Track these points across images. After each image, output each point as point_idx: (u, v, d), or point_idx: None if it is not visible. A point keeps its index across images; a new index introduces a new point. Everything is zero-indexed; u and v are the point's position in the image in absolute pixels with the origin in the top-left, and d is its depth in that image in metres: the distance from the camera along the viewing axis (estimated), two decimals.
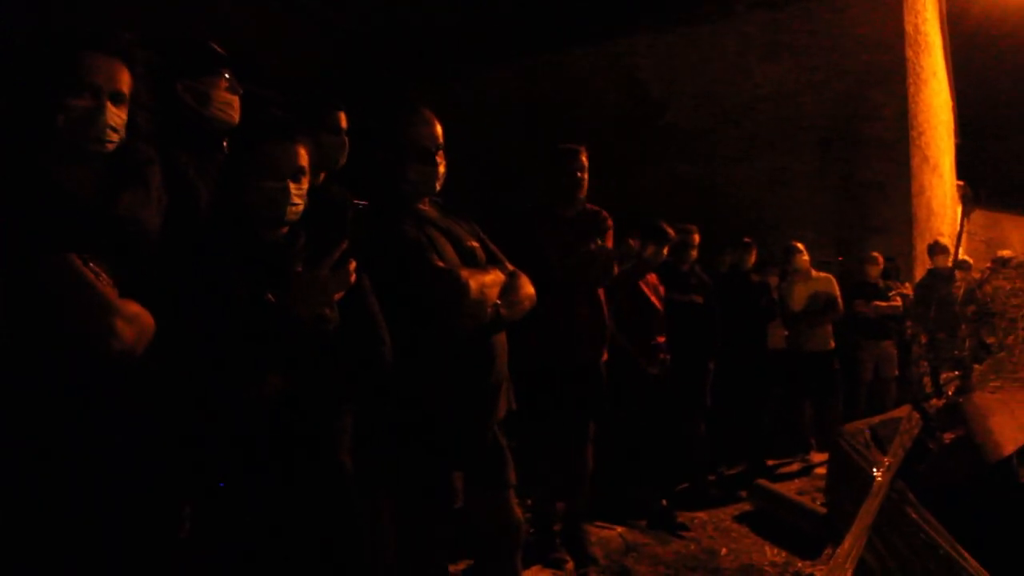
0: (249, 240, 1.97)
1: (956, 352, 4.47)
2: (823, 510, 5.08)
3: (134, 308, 1.63)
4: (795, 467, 6.94)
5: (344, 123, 2.81)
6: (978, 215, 22.63)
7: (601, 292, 4.16)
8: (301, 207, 2.01)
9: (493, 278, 2.49)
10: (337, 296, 1.92)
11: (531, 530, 4.00)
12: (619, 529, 4.67)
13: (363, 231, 2.26)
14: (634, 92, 10.65)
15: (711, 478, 6.28)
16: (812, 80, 9.74)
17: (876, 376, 8.16)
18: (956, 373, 4.47)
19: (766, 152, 9.96)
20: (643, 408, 5.31)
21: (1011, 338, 3.83)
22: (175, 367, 1.75)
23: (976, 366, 3.93)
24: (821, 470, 6.74)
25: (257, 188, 1.96)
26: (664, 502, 5.27)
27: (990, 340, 4.35)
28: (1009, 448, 3.33)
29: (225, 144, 2.52)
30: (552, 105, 10.81)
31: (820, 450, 7.29)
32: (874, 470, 2.99)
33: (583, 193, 4.06)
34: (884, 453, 3.40)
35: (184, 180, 2.30)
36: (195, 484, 1.88)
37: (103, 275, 1.64)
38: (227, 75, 2.45)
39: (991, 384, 3.60)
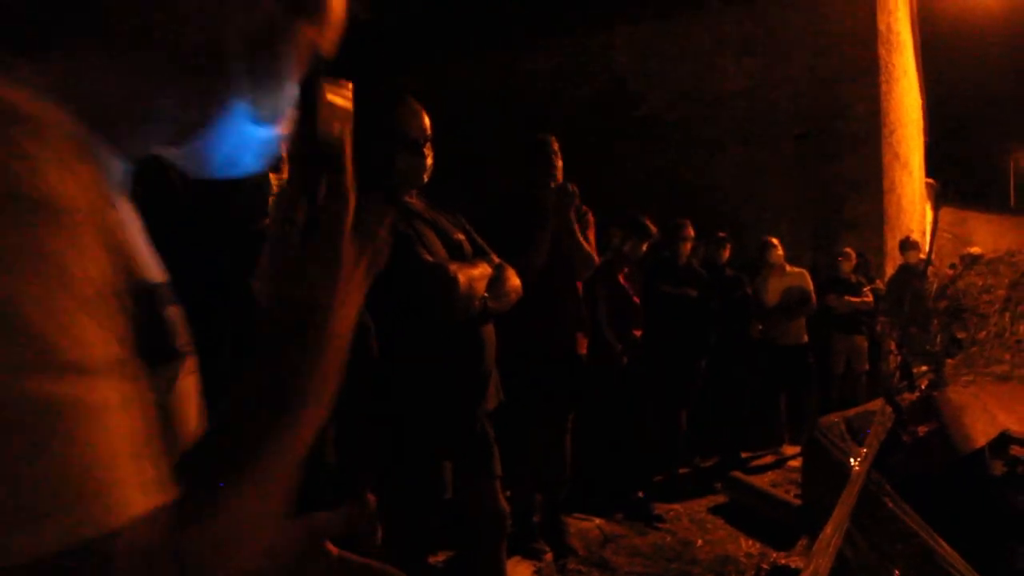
0: (232, 232, 1.96)
1: (928, 347, 4.54)
2: (797, 502, 5.15)
3: None
4: (768, 459, 7.02)
5: None
6: (945, 212, 22.97)
7: (579, 284, 4.18)
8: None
9: (481, 271, 2.50)
10: None
11: (510, 521, 4.02)
12: (597, 521, 4.71)
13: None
14: (610, 85, 10.69)
15: (682, 471, 6.34)
16: (786, 76, 9.83)
17: (848, 370, 8.27)
18: (927, 368, 4.56)
19: (740, 147, 10.05)
20: (624, 400, 5.37)
21: (982, 334, 3.90)
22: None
23: (948, 361, 4.00)
24: (794, 462, 6.83)
25: (238, 179, 1.94)
26: (640, 494, 5.32)
27: (961, 335, 4.42)
28: (981, 441, 3.39)
29: None
30: (527, 97, 10.83)
31: (793, 443, 7.40)
32: (851, 461, 3.04)
33: (559, 178, 4.06)
34: (860, 445, 3.46)
35: (154, 167, 2.29)
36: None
37: None
38: None
39: (963, 379, 3.67)
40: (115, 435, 0.52)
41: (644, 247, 5.61)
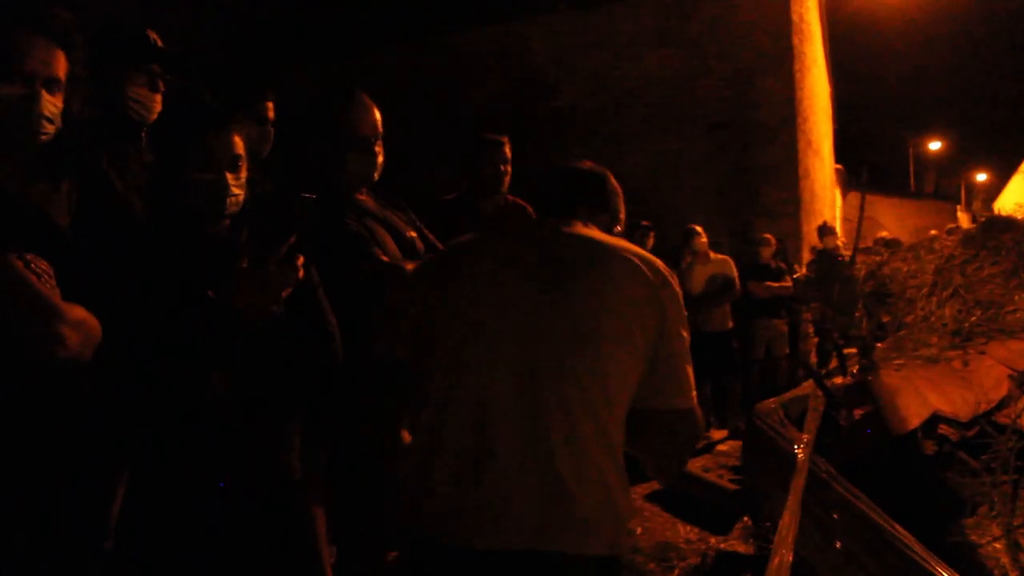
0: (189, 235, 1.88)
1: (854, 331, 4.67)
2: (732, 486, 5.25)
3: (80, 313, 1.53)
4: (698, 444, 7.12)
5: (271, 113, 2.72)
6: (853, 197, 23.79)
7: None
8: (241, 198, 1.92)
9: None
10: (285, 293, 1.84)
11: None
12: None
13: (311, 224, 2.19)
14: (527, 75, 10.68)
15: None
16: (702, 66, 9.97)
17: (768, 354, 8.46)
18: (854, 350, 4.69)
19: (658, 136, 10.16)
20: None
21: (910, 318, 4.02)
22: (116, 369, 1.66)
23: (878, 345, 4.11)
24: (723, 447, 6.97)
25: (193, 181, 1.85)
26: None
27: (885, 319, 4.55)
28: (914, 422, 3.49)
29: (143, 136, 2.41)
30: (443, 87, 10.75)
31: (720, 427, 7.55)
32: (795, 447, 3.11)
33: (505, 186, 4.01)
34: (800, 430, 3.53)
35: (98, 173, 2.19)
36: (130, 487, 1.80)
37: (46, 276, 1.54)
38: (152, 70, 2.34)
39: (895, 363, 3.77)
40: None
41: None
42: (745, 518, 4.71)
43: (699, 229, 7.69)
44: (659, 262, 1.76)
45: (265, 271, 1.78)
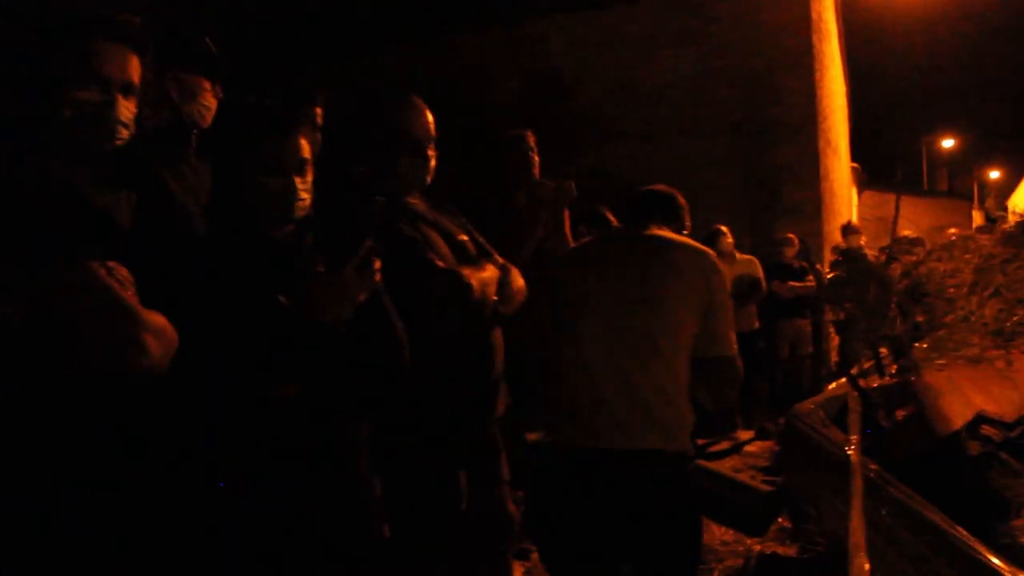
0: (257, 241, 1.87)
1: (889, 331, 4.64)
2: (766, 487, 5.22)
3: (160, 320, 1.52)
4: (724, 445, 7.10)
5: (320, 119, 2.72)
6: (868, 195, 23.72)
7: None
8: (308, 202, 1.92)
9: (490, 275, 2.44)
10: (361, 298, 1.83)
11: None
12: None
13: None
14: (545, 75, 10.65)
15: None
16: (721, 66, 9.93)
17: (792, 354, 8.44)
18: (887, 352, 4.67)
19: (678, 136, 10.12)
20: None
21: (950, 318, 3.99)
22: (191, 377, 1.66)
23: (916, 345, 4.08)
24: (751, 448, 6.95)
25: (261, 186, 1.85)
26: None
27: (920, 319, 4.52)
28: (958, 423, 3.47)
29: (194, 139, 2.41)
30: (461, 88, 10.72)
31: (746, 428, 7.52)
32: (846, 449, 3.09)
33: (536, 176, 3.99)
34: (844, 431, 3.52)
35: (155, 178, 2.19)
36: (207, 496, 1.79)
37: (127, 283, 1.53)
38: (215, 78, 2.35)
39: (936, 363, 3.75)
40: None
41: None
42: (781, 519, 4.68)
43: (725, 229, 7.67)
44: (711, 252, 2.61)
45: (342, 277, 1.77)
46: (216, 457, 1.77)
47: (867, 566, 1.93)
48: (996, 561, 2.11)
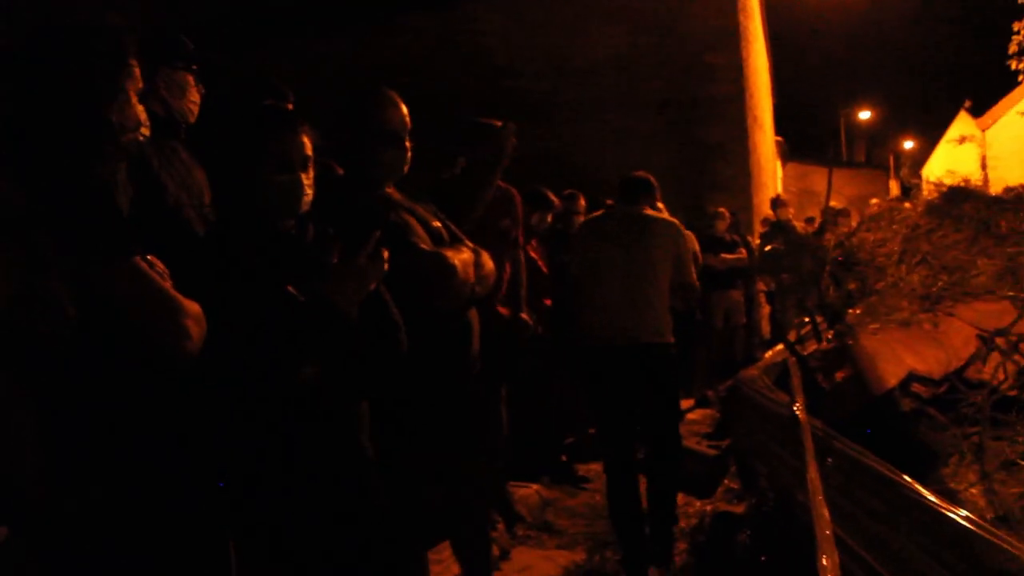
0: (266, 235, 1.98)
1: (824, 299, 4.91)
2: (711, 452, 5.49)
3: (196, 307, 1.64)
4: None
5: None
6: (791, 167, 24.40)
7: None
8: (311, 196, 2.03)
9: (468, 257, 2.58)
10: (372, 285, 1.96)
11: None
12: (534, 487, 4.89)
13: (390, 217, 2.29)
14: (478, 56, 10.71)
15: (591, 431, 6.59)
16: (651, 43, 10.15)
17: (726, 325, 8.73)
18: (821, 319, 4.95)
19: (610, 114, 10.32)
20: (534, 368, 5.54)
21: (881, 284, 4.26)
22: (215, 364, 1.77)
23: (850, 311, 4.34)
24: (693, 415, 7.23)
25: (270, 182, 1.96)
26: (564, 457, 5.53)
27: (853, 287, 4.79)
28: (891, 382, 3.74)
29: (183, 134, 2.50)
30: (395, 74, 10.70)
31: (686, 397, 7.79)
32: (795, 409, 3.31)
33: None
34: (789, 395, 3.75)
35: (149, 172, 2.27)
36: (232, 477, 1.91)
37: (165, 275, 1.64)
38: (196, 75, 2.44)
39: (870, 327, 4.01)
40: None
41: (549, 219, 5.76)
42: (726, 481, 4.94)
43: (661, 205, 7.87)
44: (678, 223, 4.35)
45: (356, 266, 1.90)
46: (234, 431, 1.89)
47: (827, 513, 2.13)
48: (934, 499, 2.34)
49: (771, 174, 15.45)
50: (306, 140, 2.01)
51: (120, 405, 1.59)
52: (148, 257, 1.60)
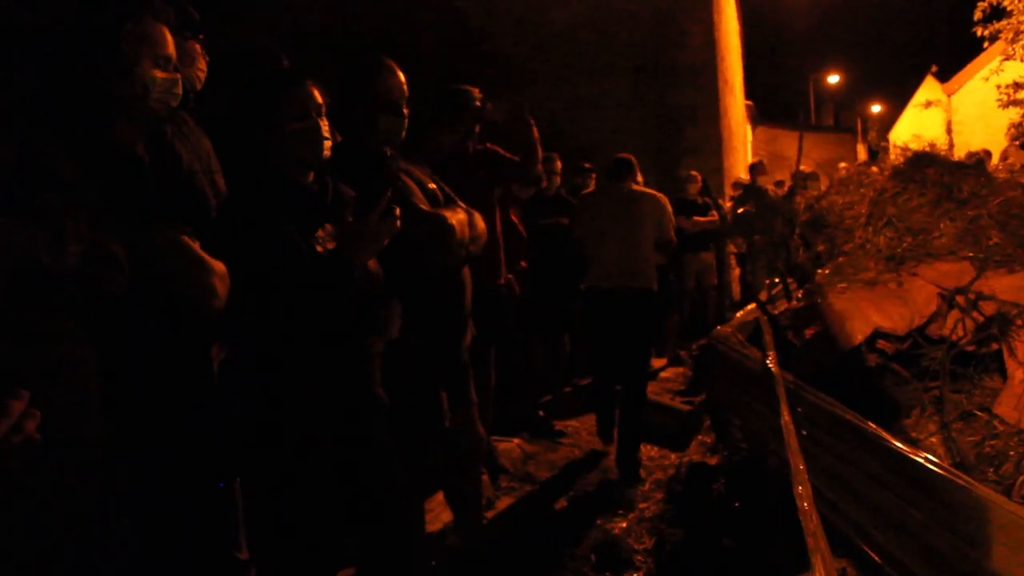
0: (288, 188, 2.08)
1: (794, 260, 5.09)
2: (685, 407, 5.70)
3: (222, 266, 1.77)
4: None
5: None
6: (760, 131, 24.59)
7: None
8: (330, 143, 2.14)
9: (462, 217, 2.71)
10: (385, 242, 2.08)
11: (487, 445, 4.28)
12: (516, 440, 5.06)
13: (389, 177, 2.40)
14: (454, 21, 10.74)
15: (566, 390, 6.78)
16: (625, 9, 10.23)
17: (697, 286, 8.93)
18: (791, 280, 5.14)
19: (584, 79, 10.42)
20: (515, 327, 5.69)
21: (848, 246, 4.44)
22: (241, 320, 1.90)
23: (819, 271, 4.53)
24: (666, 374, 7.43)
25: (290, 131, 2.06)
26: (541, 413, 5.71)
27: (822, 248, 4.97)
28: (858, 339, 3.93)
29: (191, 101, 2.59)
30: (369, 35, 10.71)
31: (658, 356, 8.00)
32: (768, 363, 3.50)
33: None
34: (762, 351, 3.94)
35: (163, 141, 2.37)
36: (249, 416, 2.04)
37: (193, 236, 1.76)
38: (203, 43, 2.52)
39: (838, 287, 4.19)
40: None
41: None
42: (700, 436, 5.14)
43: (640, 178, 8.00)
44: (662, 195, 5.44)
45: (370, 224, 2.02)
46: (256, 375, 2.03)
47: (802, 466, 2.31)
48: (900, 445, 2.53)
49: (741, 138, 15.63)
50: (316, 91, 2.12)
51: (158, 352, 1.72)
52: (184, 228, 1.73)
